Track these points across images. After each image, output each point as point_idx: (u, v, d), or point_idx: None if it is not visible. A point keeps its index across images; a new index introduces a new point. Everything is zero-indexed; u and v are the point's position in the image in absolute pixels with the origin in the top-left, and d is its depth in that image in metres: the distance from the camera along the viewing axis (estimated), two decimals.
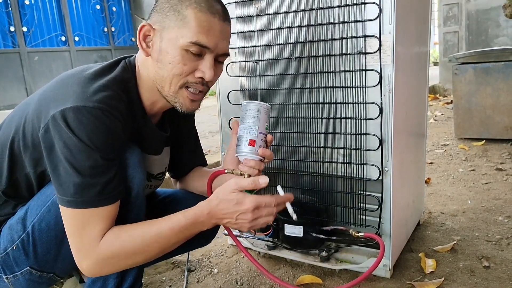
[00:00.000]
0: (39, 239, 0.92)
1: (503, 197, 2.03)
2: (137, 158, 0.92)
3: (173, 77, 0.92)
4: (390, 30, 1.12)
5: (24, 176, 0.94)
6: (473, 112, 3.16)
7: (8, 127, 0.95)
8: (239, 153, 1.02)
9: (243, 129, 1.02)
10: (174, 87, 0.93)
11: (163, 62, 0.91)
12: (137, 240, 0.88)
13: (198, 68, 0.92)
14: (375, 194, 1.24)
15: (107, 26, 7.95)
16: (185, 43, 0.89)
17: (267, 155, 1.01)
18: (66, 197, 0.82)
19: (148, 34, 0.93)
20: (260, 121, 1.01)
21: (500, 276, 1.32)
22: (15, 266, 0.96)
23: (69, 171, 0.81)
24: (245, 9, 1.33)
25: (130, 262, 0.91)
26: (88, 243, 0.85)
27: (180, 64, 0.90)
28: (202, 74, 0.93)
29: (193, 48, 0.89)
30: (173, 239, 0.91)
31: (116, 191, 0.87)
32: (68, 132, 0.80)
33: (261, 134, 1.01)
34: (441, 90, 6.21)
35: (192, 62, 0.91)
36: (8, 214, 0.98)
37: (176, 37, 0.89)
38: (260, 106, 1.01)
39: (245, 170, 1.01)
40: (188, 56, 0.90)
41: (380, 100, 1.17)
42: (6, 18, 6.48)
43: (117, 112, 0.85)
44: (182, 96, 0.95)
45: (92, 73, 0.90)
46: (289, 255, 1.42)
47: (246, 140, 1.00)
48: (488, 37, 5.70)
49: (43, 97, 0.89)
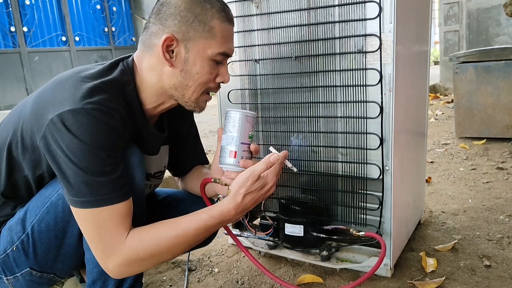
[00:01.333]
0: (38, 240, 0.92)
1: (504, 196, 2.03)
2: (136, 158, 0.92)
3: (199, 85, 0.96)
4: (390, 29, 1.12)
5: (23, 178, 0.94)
6: (473, 111, 3.16)
7: (5, 129, 0.94)
8: (221, 164, 1.01)
9: (225, 139, 1.00)
10: (197, 94, 0.97)
11: (190, 72, 0.93)
12: (162, 240, 0.88)
13: (218, 74, 0.97)
14: (375, 193, 1.24)
15: (107, 26, 7.96)
16: (214, 54, 0.93)
17: (248, 166, 0.97)
18: (80, 198, 0.82)
19: (170, 44, 0.91)
20: (242, 130, 0.98)
21: (501, 275, 1.32)
22: (15, 267, 0.95)
23: (77, 172, 0.81)
24: (245, 8, 1.33)
25: (157, 261, 0.91)
26: (112, 243, 0.84)
27: (208, 73, 0.95)
28: (222, 79, 0.99)
29: (219, 57, 0.94)
30: (200, 237, 0.93)
31: (127, 187, 0.87)
32: (69, 135, 0.79)
33: (243, 145, 0.99)
34: (441, 89, 6.20)
35: (215, 70, 0.96)
36: (8, 215, 0.98)
37: (204, 49, 0.92)
38: (242, 115, 0.98)
39: (227, 182, 1.01)
40: (213, 65, 0.95)
41: (381, 99, 1.16)
42: (6, 18, 6.49)
43: (116, 113, 0.85)
44: (202, 100, 1.00)
45: (89, 75, 0.89)
46: (290, 254, 1.42)
47: (227, 152, 0.99)
48: (488, 36, 5.69)
49: (40, 100, 0.88)
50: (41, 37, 7.00)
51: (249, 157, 1.02)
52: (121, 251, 0.85)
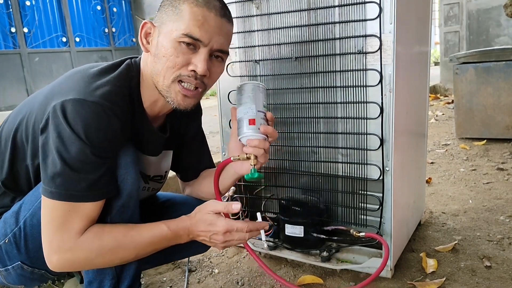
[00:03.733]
0: (30, 235, 0.93)
1: (504, 196, 2.03)
2: (130, 158, 0.91)
3: (167, 70, 0.91)
4: (390, 30, 1.12)
5: (25, 168, 0.95)
6: (474, 111, 3.15)
7: (14, 119, 0.97)
8: (241, 135, 1.01)
9: (241, 111, 1.01)
10: (167, 80, 0.92)
11: (159, 56, 0.92)
12: (115, 241, 0.88)
13: (191, 61, 0.92)
14: (376, 194, 1.24)
15: (107, 27, 7.97)
16: (178, 35, 0.89)
17: (270, 132, 1.01)
18: (50, 188, 0.82)
19: (149, 32, 0.94)
20: (257, 99, 1.00)
21: (502, 276, 1.32)
22: (7, 260, 0.96)
23: (57, 162, 0.81)
24: (245, 9, 1.33)
25: (104, 262, 0.90)
26: (65, 238, 0.84)
27: (173, 56, 0.90)
28: (194, 67, 0.91)
29: (185, 39, 0.89)
30: (151, 247, 0.93)
31: (104, 189, 0.86)
32: (63, 122, 0.80)
33: (260, 112, 1.00)
34: (442, 89, 6.20)
35: (185, 55, 0.90)
36: (5, 206, 0.99)
37: (171, 30, 0.90)
38: (255, 85, 1.01)
39: (249, 151, 1.01)
40: (181, 48, 0.90)
41: (381, 99, 1.16)
42: (7, 19, 6.49)
43: (117, 109, 0.85)
44: (174, 90, 0.93)
45: (97, 70, 0.92)
46: (290, 255, 1.42)
47: (246, 121, 0.99)
48: (489, 37, 5.69)
49: (50, 91, 0.90)
50: (42, 38, 7.00)
51: (267, 124, 1.03)
52: (73, 247, 0.84)
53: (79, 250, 0.85)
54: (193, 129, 1.22)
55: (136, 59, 1.00)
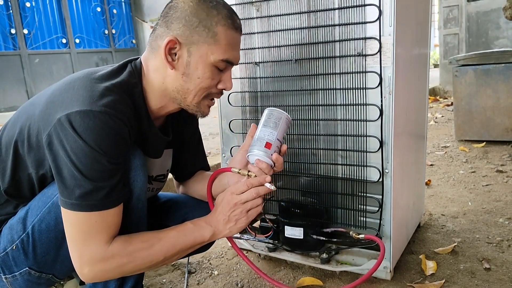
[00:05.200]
0: (38, 240, 0.92)
1: (504, 199, 2.03)
2: (139, 161, 0.92)
3: (199, 90, 0.96)
4: (390, 32, 1.12)
5: (27, 176, 0.94)
6: (473, 114, 3.16)
7: (13, 127, 0.95)
8: (251, 153, 1.01)
9: (263, 132, 1.01)
10: (198, 98, 0.97)
11: (191, 76, 0.94)
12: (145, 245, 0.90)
13: (220, 80, 0.98)
14: (375, 196, 1.24)
15: (107, 28, 7.98)
16: (216, 60, 0.93)
17: (279, 162, 1.01)
18: (70, 200, 0.82)
19: (173, 47, 0.92)
20: (281, 129, 1.02)
21: (501, 278, 1.32)
22: (14, 266, 0.95)
23: (75, 174, 0.81)
24: (246, 11, 1.33)
25: (135, 268, 0.91)
26: (93, 249, 0.84)
27: (209, 79, 0.95)
28: (224, 86, 0.99)
29: (222, 64, 0.94)
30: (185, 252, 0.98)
31: (121, 193, 0.87)
32: (74, 135, 0.80)
33: (278, 141, 1.02)
34: (441, 92, 6.21)
35: (217, 76, 0.96)
36: (9, 213, 0.99)
37: (206, 54, 0.92)
38: (283, 115, 1.03)
39: (254, 170, 0.99)
40: (216, 71, 0.95)
41: (380, 102, 1.17)
42: (7, 21, 6.50)
43: (124, 116, 0.85)
44: (204, 105, 1.00)
45: (98, 77, 0.90)
46: (290, 257, 1.42)
47: (264, 142, 1.00)
48: (488, 39, 5.70)
49: (50, 100, 0.89)
50: (42, 39, 7.01)
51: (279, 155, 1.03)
52: (103, 257, 0.85)
53: (111, 259, 0.86)
54: (191, 129, 1.23)
55: (136, 62, 0.99)
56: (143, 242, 0.90)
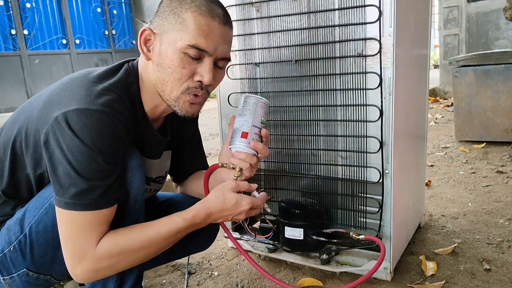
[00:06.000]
0: (36, 241, 0.92)
1: (504, 199, 2.03)
2: (136, 161, 0.92)
3: (174, 81, 0.91)
4: (390, 33, 1.12)
5: (25, 177, 0.94)
6: (473, 114, 3.16)
7: (12, 127, 0.95)
8: (231, 145, 1.03)
9: (238, 122, 1.02)
10: (176, 92, 0.92)
11: (163, 66, 0.91)
12: (135, 243, 0.88)
13: (196, 71, 0.92)
14: (375, 196, 1.24)
15: (107, 29, 7.97)
16: (183, 46, 0.88)
17: (259, 149, 1.01)
18: (65, 199, 0.82)
19: (149, 39, 0.93)
20: (256, 114, 1.01)
21: (501, 279, 1.32)
22: (12, 268, 0.95)
23: (70, 173, 0.81)
24: (246, 12, 1.34)
25: (127, 265, 0.91)
26: (84, 248, 0.84)
27: (179, 67, 0.89)
28: (200, 77, 0.91)
29: (191, 51, 0.88)
30: (171, 239, 0.94)
31: (117, 193, 0.87)
32: (70, 134, 0.80)
33: (255, 127, 1.01)
34: (441, 92, 6.21)
35: (190, 66, 0.90)
36: (7, 215, 0.99)
37: (175, 40, 0.89)
38: (257, 100, 1.02)
39: (235, 162, 1.01)
40: (187, 59, 0.89)
41: (381, 102, 1.17)
42: (7, 21, 6.50)
43: (121, 115, 0.85)
44: (183, 100, 0.94)
45: (95, 76, 0.90)
46: (290, 257, 1.41)
47: (239, 132, 1.00)
48: (488, 40, 5.70)
49: (48, 100, 0.89)
50: (42, 40, 7.01)
51: (259, 140, 1.03)
52: (94, 256, 0.85)
53: (101, 259, 0.85)
54: (190, 130, 1.23)
55: (133, 62, 1.00)
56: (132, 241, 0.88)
